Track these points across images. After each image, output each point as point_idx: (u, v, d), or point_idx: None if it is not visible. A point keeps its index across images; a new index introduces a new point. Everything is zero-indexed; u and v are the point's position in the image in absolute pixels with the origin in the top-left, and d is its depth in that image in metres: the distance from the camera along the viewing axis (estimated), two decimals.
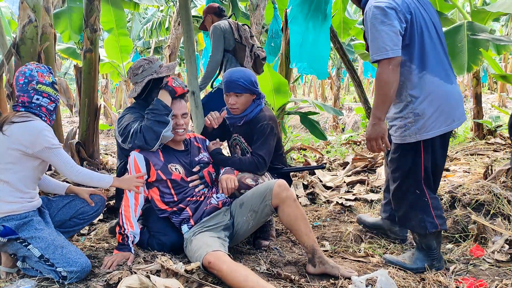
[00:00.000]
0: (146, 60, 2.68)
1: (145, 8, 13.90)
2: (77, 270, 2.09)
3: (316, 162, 5.12)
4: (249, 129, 2.73)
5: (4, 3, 10.62)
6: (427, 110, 2.20)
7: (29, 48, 3.27)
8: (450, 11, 6.15)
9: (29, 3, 3.29)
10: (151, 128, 2.39)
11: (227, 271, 2.01)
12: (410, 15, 2.16)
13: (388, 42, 2.08)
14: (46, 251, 2.12)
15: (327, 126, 12.11)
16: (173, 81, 2.52)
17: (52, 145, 2.17)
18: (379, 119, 2.17)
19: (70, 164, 2.24)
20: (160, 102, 2.44)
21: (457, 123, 2.28)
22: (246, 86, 2.65)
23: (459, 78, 18.96)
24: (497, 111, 9.62)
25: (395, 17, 2.10)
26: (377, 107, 2.17)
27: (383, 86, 2.13)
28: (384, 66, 2.11)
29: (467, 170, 4.14)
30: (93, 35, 4.38)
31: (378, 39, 2.10)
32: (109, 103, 14.85)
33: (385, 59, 2.09)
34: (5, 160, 2.15)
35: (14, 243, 2.15)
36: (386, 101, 2.15)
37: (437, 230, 2.33)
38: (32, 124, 2.16)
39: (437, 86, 2.20)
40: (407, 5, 2.17)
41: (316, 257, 2.26)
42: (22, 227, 2.15)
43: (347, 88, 25.03)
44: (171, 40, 9.27)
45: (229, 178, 2.49)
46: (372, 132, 2.20)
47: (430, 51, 2.22)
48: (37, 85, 2.25)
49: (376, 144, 2.21)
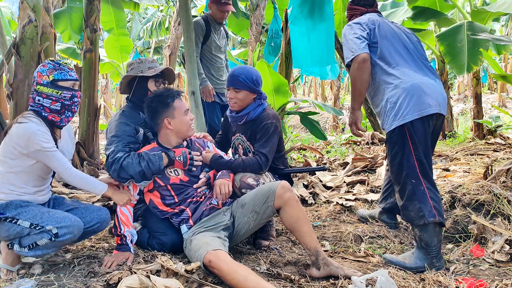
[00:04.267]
0: (139, 60, 2.72)
1: (145, 8, 13.92)
2: (67, 224, 2.14)
3: (316, 162, 5.12)
4: (252, 128, 2.72)
5: (4, 3, 10.63)
6: (399, 96, 2.44)
7: (29, 48, 3.27)
8: (450, 11, 6.16)
9: (29, 3, 3.29)
10: (134, 171, 2.37)
11: (227, 270, 2.01)
12: (373, 25, 2.59)
13: (353, 44, 2.51)
14: (34, 219, 2.17)
15: (327, 126, 12.13)
16: (179, 156, 2.48)
17: (44, 148, 2.17)
18: (353, 109, 2.65)
19: (64, 166, 2.23)
20: (160, 163, 2.42)
21: (434, 109, 2.44)
22: (245, 83, 2.66)
23: (459, 78, 18.97)
24: (497, 111, 9.63)
25: (358, 27, 2.57)
26: (351, 99, 2.65)
27: (352, 81, 2.56)
28: (352, 65, 2.52)
29: (467, 170, 4.14)
30: (93, 35, 4.38)
31: (346, 46, 2.56)
32: (109, 103, 14.87)
33: (352, 58, 2.50)
34: (5, 154, 2.22)
35: (5, 223, 2.18)
36: (356, 94, 2.58)
37: (435, 220, 2.36)
38: (24, 126, 2.18)
39: (408, 76, 2.47)
40: (372, 20, 2.63)
41: (320, 259, 2.24)
42: (7, 207, 2.20)
43: (347, 88, 25.02)
44: (171, 40, 9.27)
45: (222, 184, 2.47)
46: (349, 119, 2.71)
47: (401, 50, 2.56)
48: (37, 86, 2.26)
49: (353, 129, 2.69)
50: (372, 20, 2.62)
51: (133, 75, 2.66)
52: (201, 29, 4.04)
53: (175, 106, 2.49)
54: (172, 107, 2.49)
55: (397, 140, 2.45)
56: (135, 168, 2.37)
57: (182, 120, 2.51)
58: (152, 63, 2.71)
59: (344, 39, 2.58)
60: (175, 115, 2.49)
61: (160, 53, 14.77)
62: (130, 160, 2.39)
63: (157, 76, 2.69)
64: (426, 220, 2.36)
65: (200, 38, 4.05)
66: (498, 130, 6.19)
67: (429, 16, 5.43)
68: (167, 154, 2.46)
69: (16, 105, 3.24)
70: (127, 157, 2.40)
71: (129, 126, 2.58)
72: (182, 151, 2.50)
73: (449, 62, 5.08)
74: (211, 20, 4.14)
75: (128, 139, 2.53)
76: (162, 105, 2.49)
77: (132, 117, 2.65)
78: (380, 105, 2.54)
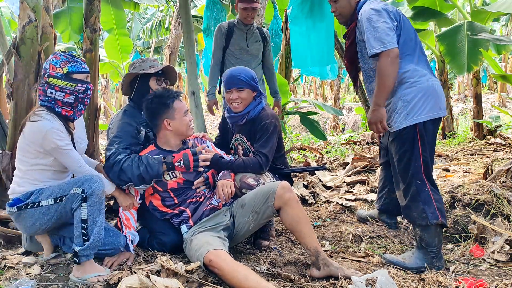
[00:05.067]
0: (141, 60, 2.73)
1: (145, 8, 13.91)
2: (86, 178, 2.12)
3: (316, 162, 5.12)
4: (252, 128, 2.72)
5: (4, 3, 10.63)
6: (415, 95, 2.39)
7: (29, 48, 3.26)
8: (450, 11, 6.15)
9: (29, 3, 3.28)
10: (132, 174, 2.36)
11: (228, 269, 2.01)
12: (399, 17, 2.44)
13: (385, 36, 2.32)
14: (55, 193, 2.16)
15: (327, 126, 12.13)
16: (179, 161, 2.45)
17: (59, 147, 2.16)
18: (379, 106, 2.42)
19: (77, 164, 2.22)
20: (159, 168, 2.40)
21: (443, 111, 2.45)
22: (246, 81, 2.66)
23: (459, 78, 18.98)
24: (497, 111, 9.63)
25: (387, 16, 2.38)
26: (377, 95, 2.41)
27: (382, 75, 2.35)
28: (384, 58, 2.33)
29: (467, 170, 4.14)
30: (93, 35, 4.37)
31: (375, 35, 2.34)
32: (109, 103, 14.87)
33: (383, 51, 2.32)
34: (23, 153, 2.22)
35: (27, 210, 2.17)
36: (385, 90, 2.38)
37: (438, 221, 2.36)
38: (38, 125, 2.16)
39: (424, 75, 2.42)
40: (398, 11, 2.49)
41: (320, 259, 2.24)
42: (28, 196, 2.20)
43: (347, 88, 25.04)
44: (171, 40, 9.27)
45: (225, 184, 2.47)
46: (373, 117, 2.46)
47: (418, 49, 2.47)
48: (49, 79, 2.20)
49: (376, 128, 2.47)
50: (398, 12, 2.47)
51: (135, 73, 2.67)
52: (221, 32, 3.81)
53: (175, 107, 2.48)
54: (172, 108, 2.48)
55: (407, 139, 2.42)
56: (134, 171, 2.36)
57: (182, 121, 2.50)
58: (153, 62, 2.72)
59: (369, 24, 2.37)
60: (175, 116, 2.48)
61: (160, 53, 14.77)
62: (130, 163, 2.38)
63: (159, 74, 2.69)
64: (429, 222, 2.36)
65: (219, 42, 3.80)
66: (498, 130, 6.19)
67: (429, 16, 5.43)
68: (165, 162, 2.43)
69: (16, 105, 3.23)
70: (128, 159, 2.40)
71: (131, 126, 2.57)
72: (183, 154, 2.47)
73: (449, 62, 5.08)
74: (237, 22, 3.85)
75: (129, 140, 2.52)
76: (162, 106, 2.47)
77: (134, 116, 2.64)
78: (390, 101, 2.46)
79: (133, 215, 2.48)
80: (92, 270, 2.11)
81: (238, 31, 3.82)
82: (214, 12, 5.51)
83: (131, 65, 2.75)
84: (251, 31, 3.87)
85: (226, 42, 3.80)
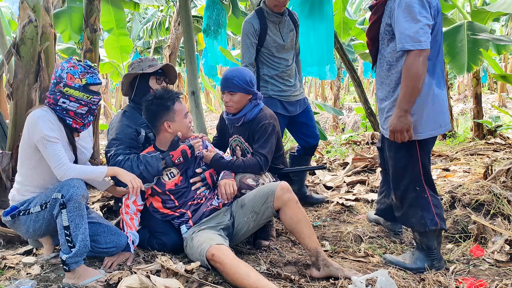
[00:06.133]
0: (139, 59, 2.72)
1: (145, 8, 13.90)
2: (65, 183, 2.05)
3: (316, 162, 5.12)
4: (250, 129, 2.72)
5: (4, 3, 10.63)
6: (424, 103, 2.21)
7: (29, 48, 3.26)
8: (450, 11, 6.15)
9: (29, 3, 3.29)
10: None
11: (230, 265, 2.01)
12: (437, 14, 2.17)
13: (422, 33, 2.07)
14: (42, 199, 2.14)
15: (327, 126, 12.13)
16: (179, 158, 2.46)
17: (44, 135, 2.06)
18: (406, 111, 2.15)
19: (58, 162, 2.08)
20: (158, 164, 2.39)
21: (443, 129, 2.31)
22: (239, 85, 2.62)
23: (459, 78, 18.98)
24: (497, 111, 9.63)
25: (429, 11, 2.11)
26: (403, 99, 2.14)
27: (412, 77, 2.10)
28: (415, 58, 2.08)
29: (467, 170, 4.13)
30: (93, 35, 4.38)
31: (412, 28, 2.08)
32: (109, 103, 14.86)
33: (417, 50, 2.07)
34: (22, 153, 2.20)
35: (20, 218, 2.17)
36: (414, 93, 2.12)
37: (437, 228, 2.33)
38: (31, 114, 2.13)
39: (431, 88, 2.22)
40: (439, 5, 2.19)
41: (320, 260, 2.23)
42: (23, 203, 2.20)
43: (347, 88, 25.03)
44: (171, 40, 9.26)
45: (227, 184, 2.47)
46: (398, 124, 2.18)
47: (437, 55, 2.24)
48: (64, 88, 2.13)
49: (401, 136, 2.20)
50: (438, 8, 2.18)
51: (134, 73, 2.66)
52: (253, 29, 3.14)
53: (175, 109, 2.46)
54: (173, 110, 2.46)
55: (404, 145, 2.26)
56: (134, 171, 2.36)
57: (182, 123, 2.49)
58: (152, 61, 2.70)
59: (409, 13, 2.08)
60: (175, 118, 2.46)
61: (160, 53, 14.76)
62: (130, 163, 2.38)
63: (158, 73, 2.69)
64: (428, 228, 2.32)
65: (252, 40, 3.15)
66: (498, 130, 6.18)
67: None
68: (163, 158, 2.43)
69: (16, 105, 3.23)
70: (127, 160, 2.40)
71: (130, 128, 2.57)
72: (181, 150, 2.47)
73: (449, 62, 5.07)
74: (267, 13, 3.18)
75: (129, 142, 2.52)
76: (162, 108, 2.44)
77: (134, 117, 2.64)
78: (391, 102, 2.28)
79: (137, 216, 2.48)
80: (87, 275, 2.09)
81: (271, 25, 3.19)
82: (214, 12, 5.51)
83: (130, 65, 2.74)
84: (283, 21, 3.24)
85: (260, 41, 3.18)
